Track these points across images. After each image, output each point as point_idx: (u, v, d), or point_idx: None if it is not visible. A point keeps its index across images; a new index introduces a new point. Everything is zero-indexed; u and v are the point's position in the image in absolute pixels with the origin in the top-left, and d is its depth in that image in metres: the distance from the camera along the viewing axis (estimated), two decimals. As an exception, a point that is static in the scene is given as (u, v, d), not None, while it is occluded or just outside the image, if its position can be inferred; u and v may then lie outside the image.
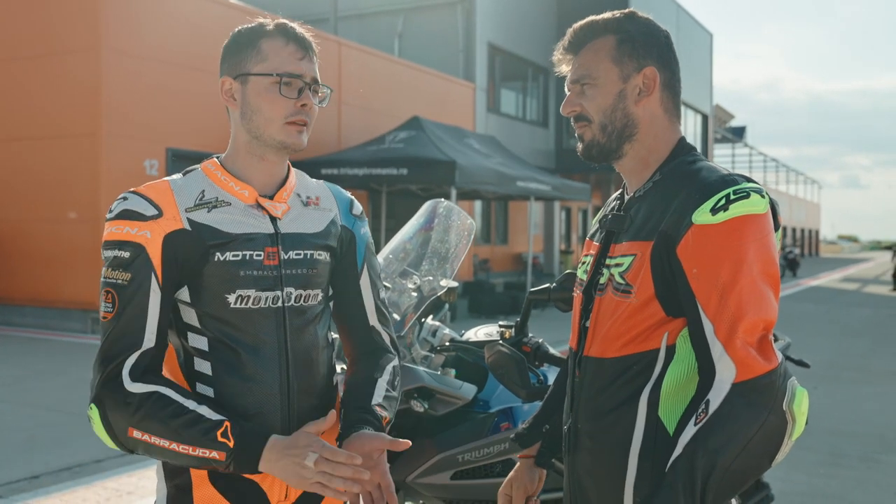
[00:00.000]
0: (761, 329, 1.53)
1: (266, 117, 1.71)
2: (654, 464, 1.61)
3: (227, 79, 1.76)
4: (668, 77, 1.73)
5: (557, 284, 2.45)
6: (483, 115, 22.29)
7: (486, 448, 2.52)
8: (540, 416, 2.07)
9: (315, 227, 1.82)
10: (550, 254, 26.20)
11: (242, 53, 1.75)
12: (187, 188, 1.73)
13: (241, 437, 1.58)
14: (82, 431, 6.42)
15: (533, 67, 25.53)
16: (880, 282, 30.51)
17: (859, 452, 6.18)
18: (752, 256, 1.54)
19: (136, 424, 1.58)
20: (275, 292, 1.73)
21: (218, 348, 1.70)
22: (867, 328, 14.87)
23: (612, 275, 1.69)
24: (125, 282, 1.64)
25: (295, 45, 1.74)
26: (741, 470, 1.50)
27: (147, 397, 1.59)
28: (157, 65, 12.69)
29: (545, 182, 17.29)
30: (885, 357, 11.08)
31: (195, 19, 13.38)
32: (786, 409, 1.51)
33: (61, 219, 12.34)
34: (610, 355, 1.68)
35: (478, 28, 22.03)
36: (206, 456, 1.57)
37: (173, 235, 1.66)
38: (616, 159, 1.76)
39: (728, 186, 1.58)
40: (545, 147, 26.12)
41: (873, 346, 12.31)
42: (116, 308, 1.64)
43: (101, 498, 4.92)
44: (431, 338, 2.73)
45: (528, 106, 25.91)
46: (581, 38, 1.75)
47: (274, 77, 1.70)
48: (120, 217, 1.67)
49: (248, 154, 1.77)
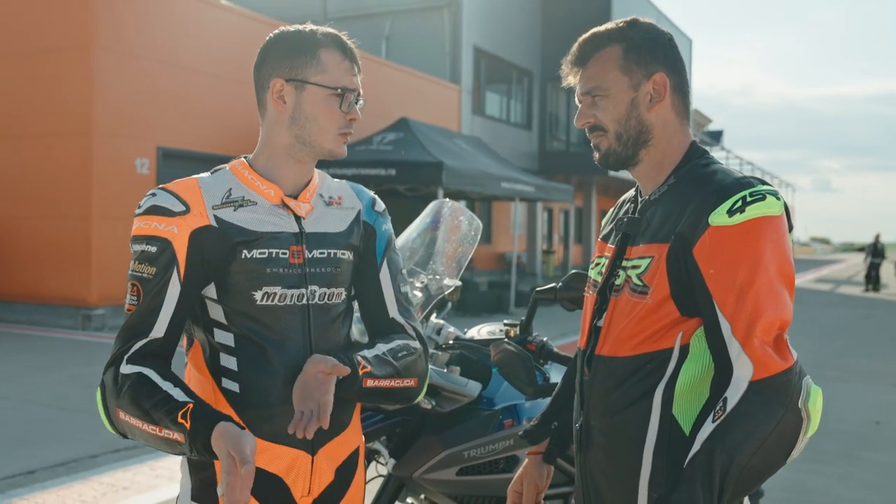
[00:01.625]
0: (777, 328, 1.54)
1: (321, 127, 1.74)
2: (668, 461, 1.61)
3: (280, 80, 1.74)
4: (678, 81, 1.73)
5: (564, 284, 2.45)
6: (468, 116, 22.31)
7: (491, 444, 2.51)
8: (548, 414, 2.07)
9: (338, 227, 1.83)
10: (533, 253, 26.28)
11: (299, 59, 1.74)
12: (215, 186, 1.73)
13: (195, 420, 1.51)
14: (77, 427, 6.37)
15: (517, 70, 25.58)
16: (853, 283, 30.81)
17: (840, 449, 6.23)
18: (769, 257, 1.54)
19: (121, 405, 1.58)
20: (300, 290, 1.73)
21: (244, 344, 1.70)
22: (843, 328, 15.00)
23: (629, 276, 1.69)
24: (150, 276, 1.66)
25: (350, 61, 1.77)
26: (758, 467, 1.50)
27: (129, 377, 1.59)
28: (149, 64, 12.61)
29: (529, 183, 17.33)
30: (861, 356, 11.18)
31: (187, 19, 13.31)
32: (801, 407, 1.52)
33: (53, 216, 12.24)
34: (623, 354, 1.68)
35: (464, 31, 22.04)
36: (170, 437, 1.53)
37: (200, 232, 1.67)
38: (632, 166, 1.76)
39: (744, 189, 1.58)
40: (528, 149, 26.17)
41: (849, 345, 12.42)
42: (140, 300, 1.65)
43: (98, 493, 4.87)
44: (436, 336, 2.72)
45: (513, 108, 25.96)
46: (587, 51, 1.74)
47: (335, 91, 1.73)
48: (148, 213, 1.68)
49: (286, 156, 1.77)
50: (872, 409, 7.49)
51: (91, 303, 11.99)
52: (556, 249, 29.50)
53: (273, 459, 1.71)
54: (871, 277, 26.22)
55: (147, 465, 5.45)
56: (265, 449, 1.69)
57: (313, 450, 1.75)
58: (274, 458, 1.71)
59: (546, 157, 26.72)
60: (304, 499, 1.76)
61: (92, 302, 11.98)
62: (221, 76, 13.78)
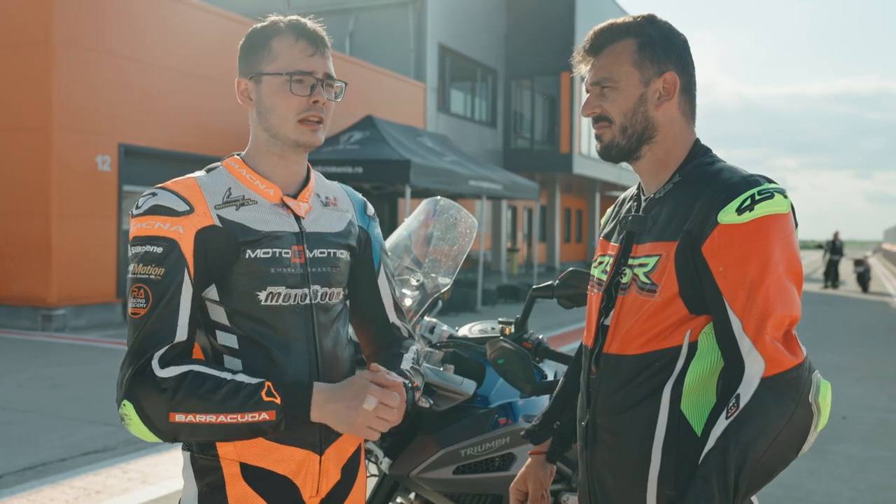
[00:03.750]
0: (787, 324, 1.56)
1: (280, 116, 1.71)
2: (677, 457, 1.64)
3: (243, 80, 1.76)
4: (687, 81, 1.75)
5: (561, 282, 2.47)
6: (433, 114, 22.32)
7: (487, 443, 2.52)
8: (550, 413, 2.09)
9: (336, 227, 1.83)
10: (498, 251, 26.38)
11: (256, 54, 1.74)
12: (214, 185, 1.72)
13: (286, 391, 1.58)
14: (44, 429, 6.26)
15: (482, 68, 25.64)
16: (812, 279, 31.37)
17: (809, 443, 6.35)
18: (778, 255, 1.57)
19: (176, 407, 1.55)
20: (303, 289, 1.73)
21: (248, 346, 1.68)
22: (803, 324, 15.20)
23: (637, 274, 1.70)
24: (158, 277, 1.61)
25: (305, 42, 1.72)
26: (771, 462, 1.53)
27: (182, 378, 1.56)
28: (111, 59, 12.43)
29: (496, 181, 17.39)
30: (824, 352, 11.41)
31: (150, 14, 13.13)
32: (811, 402, 1.55)
33: (11, 212, 12.01)
34: (631, 352, 1.70)
35: (429, 29, 22.04)
36: (255, 420, 1.56)
37: (205, 231, 1.65)
38: (634, 160, 1.78)
39: (752, 187, 1.61)
40: (493, 146, 26.26)
41: (812, 340, 12.65)
42: (151, 303, 1.61)
43: (69, 497, 4.79)
44: (429, 334, 2.72)
45: (478, 106, 26.03)
46: (602, 41, 1.76)
47: (284, 76, 1.69)
48: (150, 213, 1.65)
49: (268, 153, 1.77)
50: (838, 405, 7.64)
51: (51, 303, 11.79)
52: (520, 247, 29.64)
53: (282, 461, 1.70)
54: (830, 274, 26.73)
55: (119, 467, 5.38)
56: (273, 450, 1.69)
57: (321, 449, 1.75)
58: (282, 459, 1.70)
59: (510, 154, 26.84)
60: (312, 499, 1.76)
61: (52, 302, 11.79)
62: (185, 72, 13.63)
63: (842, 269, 31.35)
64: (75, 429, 6.30)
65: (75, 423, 6.46)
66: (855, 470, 5.73)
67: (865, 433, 6.82)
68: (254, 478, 1.68)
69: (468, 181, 16.06)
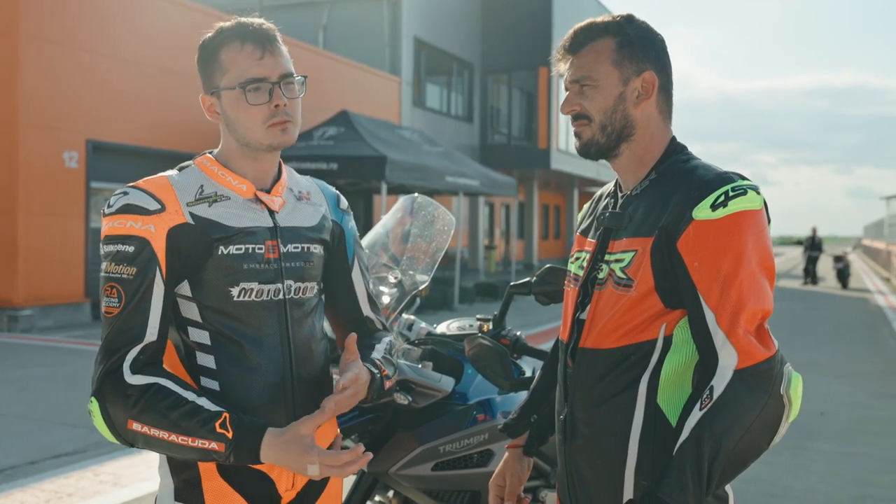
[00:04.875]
0: (760, 318, 1.63)
1: (246, 127, 1.74)
2: (654, 449, 1.70)
3: (205, 96, 1.78)
4: (665, 81, 1.82)
5: (539, 278, 2.52)
6: (409, 109, 22.34)
7: (465, 439, 2.57)
8: (527, 407, 2.14)
9: (310, 222, 1.87)
10: (475, 249, 26.45)
11: (210, 68, 1.76)
12: (185, 183, 1.75)
13: (240, 429, 1.60)
14: (12, 432, 6.23)
15: (458, 62, 25.70)
16: (792, 276, 31.75)
17: (786, 440, 6.45)
18: (751, 250, 1.64)
19: (136, 417, 1.60)
20: (276, 285, 1.77)
21: (221, 342, 1.72)
22: (783, 321, 15.47)
23: (613, 270, 1.77)
24: (130, 276, 1.65)
25: (252, 45, 1.72)
26: (744, 452, 1.60)
27: (146, 389, 1.61)
28: (78, 52, 12.35)
29: (473, 177, 17.44)
30: (803, 348, 11.57)
31: (118, 6, 13.07)
32: (783, 394, 1.62)
33: (-25, 212, 11.89)
34: (607, 346, 1.76)
35: (404, 22, 22.06)
36: (204, 447, 1.59)
37: (177, 229, 1.69)
38: (613, 157, 1.84)
39: (726, 184, 1.67)
40: (470, 142, 26.32)
41: (790, 337, 12.83)
42: (123, 302, 1.65)
43: (40, 500, 4.79)
44: (407, 331, 2.77)
45: (454, 101, 26.08)
46: (581, 39, 1.82)
47: (237, 89, 1.71)
48: (121, 212, 1.68)
49: (241, 156, 1.81)
50: (817, 401, 7.77)
51: (17, 303, 11.70)
52: (498, 244, 29.74)
53: None
54: (809, 271, 27.05)
55: (90, 470, 5.38)
56: None
57: None
58: None
59: (487, 150, 26.92)
60: (288, 492, 1.80)
61: (18, 302, 11.71)
62: (155, 66, 13.56)
63: (821, 266, 31.73)
64: (45, 431, 6.28)
65: (44, 426, 6.44)
66: (832, 466, 5.85)
67: (843, 429, 6.95)
68: (229, 473, 1.72)
69: (444, 177, 16.11)
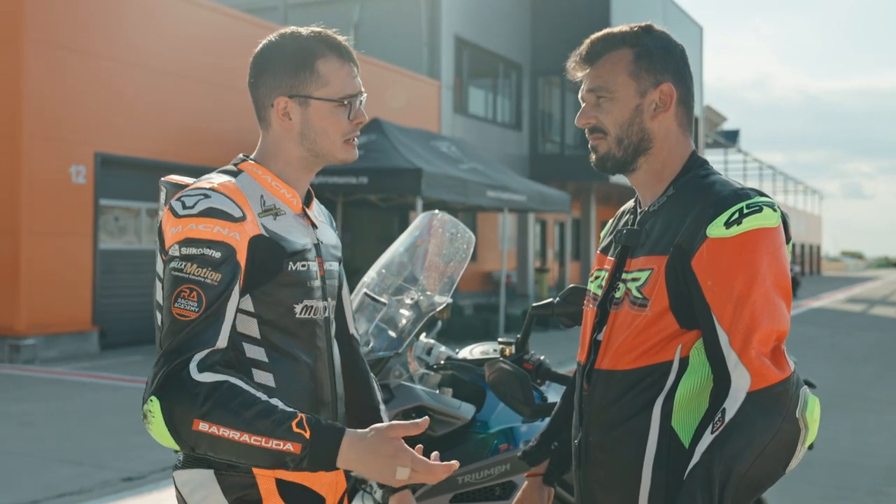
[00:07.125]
0: (774, 339, 1.78)
1: (331, 139, 1.97)
2: (668, 474, 1.85)
3: (283, 98, 1.95)
4: (684, 93, 1.98)
5: (561, 299, 2.68)
6: (449, 116, 22.51)
7: (486, 470, 2.73)
8: (547, 434, 2.31)
9: (334, 239, 2.12)
10: (524, 272, 26.43)
11: (298, 75, 1.94)
12: (249, 191, 1.90)
13: (318, 429, 1.68)
14: (13, 469, 6.47)
15: (505, 63, 25.79)
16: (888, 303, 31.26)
17: (867, 485, 6.49)
18: (765, 269, 1.79)
19: (204, 416, 1.66)
20: (324, 302, 1.99)
21: (278, 359, 1.89)
22: (873, 353, 15.32)
23: (629, 289, 1.93)
24: (214, 282, 1.76)
25: (351, 64, 1.99)
26: (757, 476, 1.74)
27: (216, 387, 1.68)
28: (87, 58, 12.68)
29: (519, 192, 17.55)
30: (892, 385, 11.48)
31: (130, 8, 13.39)
32: (799, 417, 1.76)
33: (-25, 232, 12.26)
34: (622, 367, 1.92)
35: (443, 19, 22.20)
36: (279, 448, 1.66)
37: (256, 240, 1.83)
38: (630, 172, 2.01)
39: (741, 201, 1.83)
40: (518, 152, 26.38)
41: (880, 372, 12.73)
42: (203, 307, 1.74)
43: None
44: (426, 356, 2.94)
45: (500, 106, 26.18)
46: (598, 49, 2.00)
47: (340, 103, 1.95)
48: (206, 215, 1.79)
49: (303, 167, 2.01)
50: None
51: (19, 331, 11.98)
52: (551, 267, 29.74)
53: (319, 476, 1.90)
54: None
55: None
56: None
57: None
58: (318, 476, 1.90)
59: (538, 161, 26.95)
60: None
61: (20, 330, 11.98)
62: (172, 72, 13.86)
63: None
64: (48, 469, 6.54)
65: (48, 463, 6.70)
66: None
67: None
68: (289, 494, 1.88)
69: (486, 192, 16.25)
